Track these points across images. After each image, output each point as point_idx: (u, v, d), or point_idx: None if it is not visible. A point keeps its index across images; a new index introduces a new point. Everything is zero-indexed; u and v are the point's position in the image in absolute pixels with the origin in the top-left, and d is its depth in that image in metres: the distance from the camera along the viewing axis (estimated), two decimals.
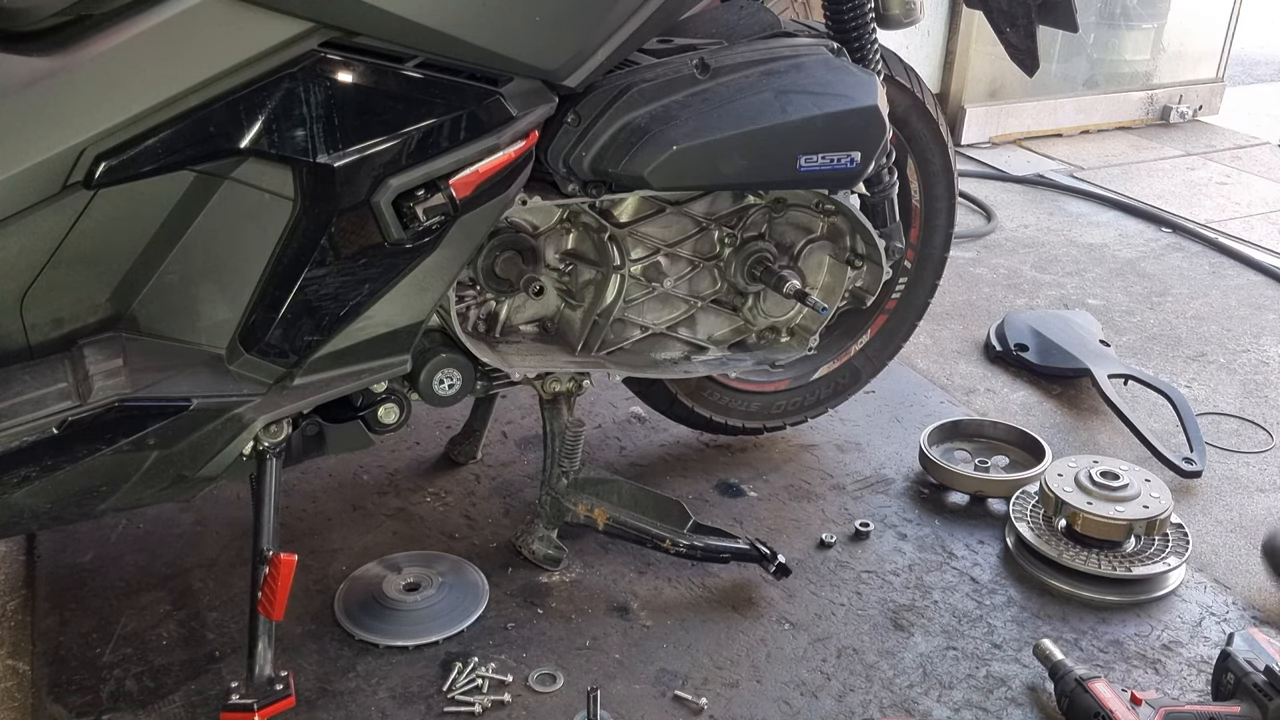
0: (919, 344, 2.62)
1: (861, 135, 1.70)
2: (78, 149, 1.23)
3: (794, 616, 1.76)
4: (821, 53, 1.73)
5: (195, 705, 1.55)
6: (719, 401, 2.10)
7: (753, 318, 1.90)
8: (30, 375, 1.32)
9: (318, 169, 1.35)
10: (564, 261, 1.74)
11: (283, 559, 1.46)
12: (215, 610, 1.72)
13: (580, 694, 1.55)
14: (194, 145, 1.29)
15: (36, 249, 1.28)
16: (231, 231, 1.37)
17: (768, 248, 1.84)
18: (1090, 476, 1.89)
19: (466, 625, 1.70)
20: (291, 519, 1.92)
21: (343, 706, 1.56)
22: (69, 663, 1.61)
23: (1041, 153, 4.10)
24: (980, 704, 1.60)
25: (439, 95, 1.40)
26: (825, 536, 1.94)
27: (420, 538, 1.91)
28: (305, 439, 1.59)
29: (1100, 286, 3.02)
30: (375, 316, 1.47)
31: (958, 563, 1.90)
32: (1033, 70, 1.95)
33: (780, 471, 2.14)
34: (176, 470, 1.42)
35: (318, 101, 1.32)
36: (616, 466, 2.13)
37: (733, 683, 1.63)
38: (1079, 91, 4.34)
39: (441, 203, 1.42)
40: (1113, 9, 4.31)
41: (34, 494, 1.32)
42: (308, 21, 1.29)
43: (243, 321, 1.43)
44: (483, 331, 1.72)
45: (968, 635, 1.74)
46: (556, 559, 1.83)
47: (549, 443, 1.79)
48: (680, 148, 1.56)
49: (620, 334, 1.79)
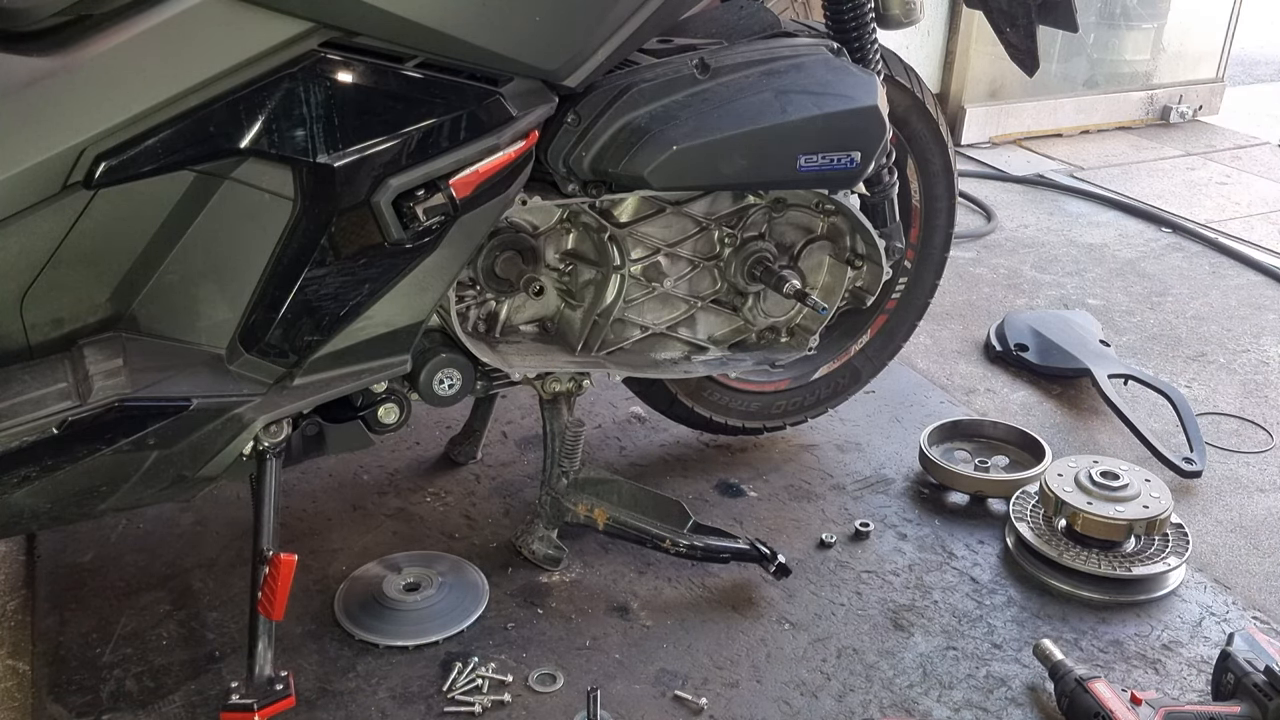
0: (919, 344, 2.62)
1: (861, 135, 1.70)
2: (78, 149, 1.23)
3: (794, 616, 1.76)
4: (821, 53, 1.73)
5: (195, 705, 1.55)
6: (719, 401, 2.10)
7: (753, 318, 1.90)
8: (30, 375, 1.32)
9: (318, 169, 1.35)
10: (564, 261, 1.74)
11: (283, 559, 1.46)
12: (215, 610, 1.72)
13: (580, 694, 1.55)
14: (194, 145, 1.29)
15: (36, 249, 1.28)
16: (231, 231, 1.37)
17: (768, 248, 1.84)
18: (1090, 476, 1.89)
19: (466, 625, 1.70)
20: (291, 519, 1.92)
21: (343, 706, 1.56)
22: (69, 663, 1.61)
23: (1041, 153, 4.10)
24: (980, 704, 1.60)
25: (439, 95, 1.40)
26: (825, 536, 1.94)
27: (420, 538, 1.91)
28: (305, 439, 1.59)
29: (1100, 286, 3.02)
30: (375, 316, 1.47)
31: (958, 563, 1.90)
32: (1033, 70, 1.95)
33: (780, 471, 2.14)
34: (176, 470, 1.42)
35: (318, 101, 1.32)
36: (616, 466, 2.13)
37: (733, 683, 1.63)
38: (1079, 91, 4.34)
39: (441, 203, 1.42)
40: (1113, 9, 4.31)
41: (34, 494, 1.32)
42: (308, 21, 1.29)
43: (243, 321, 1.43)
44: (483, 331, 1.72)
45: (968, 635, 1.74)
46: (556, 559, 1.83)
47: (549, 443, 1.79)
48: (680, 148, 1.56)
49: (620, 334, 1.79)
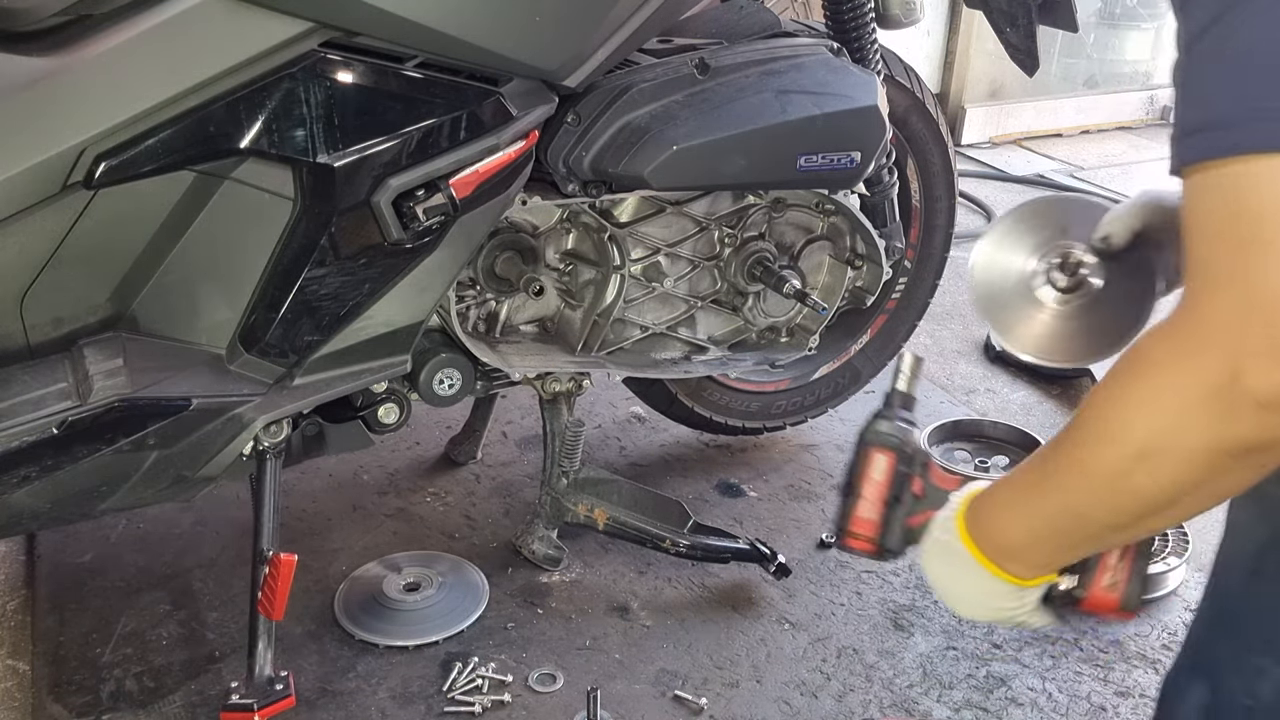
0: (919, 344, 2.62)
1: (861, 135, 1.70)
2: (78, 149, 1.23)
3: (794, 616, 1.76)
4: (821, 53, 1.73)
5: (195, 705, 1.54)
6: (719, 401, 2.10)
7: (753, 318, 1.90)
8: (30, 375, 1.32)
9: (318, 169, 1.35)
10: (564, 261, 1.74)
11: (283, 559, 1.46)
12: (215, 610, 1.72)
13: (580, 694, 1.55)
14: (194, 145, 1.29)
15: (36, 249, 1.28)
16: (231, 231, 1.37)
17: (768, 248, 1.84)
18: None
19: (466, 625, 1.70)
20: (291, 519, 1.92)
21: (343, 706, 1.56)
22: (69, 663, 1.61)
23: (1041, 153, 4.10)
24: (980, 704, 1.60)
25: (439, 95, 1.40)
26: (825, 536, 1.94)
27: (420, 538, 1.91)
28: (305, 439, 1.59)
29: None
30: (375, 316, 1.47)
31: None
32: (1033, 70, 1.94)
33: (780, 471, 2.14)
34: (176, 470, 1.41)
35: (318, 101, 1.32)
36: (616, 466, 2.13)
37: (733, 683, 1.63)
38: (1079, 91, 4.34)
39: (441, 203, 1.42)
40: (1113, 9, 4.31)
41: (34, 494, 1.32)
42: (308, 21, 1.29)
43: (243, 321, 1.43)
44: (483, 331, 1.72)
45: (968, 635, 1.73)
46: (556, 559, 1.83)
47: (549, 443, 1.79)
48: (680, 148, 1.56)
49: (620, 334, 1.79)
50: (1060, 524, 0.84)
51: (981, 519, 0.91)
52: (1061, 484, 0.82)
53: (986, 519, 0.90)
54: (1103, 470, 0.77)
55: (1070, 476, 0.81)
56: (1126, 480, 0.75)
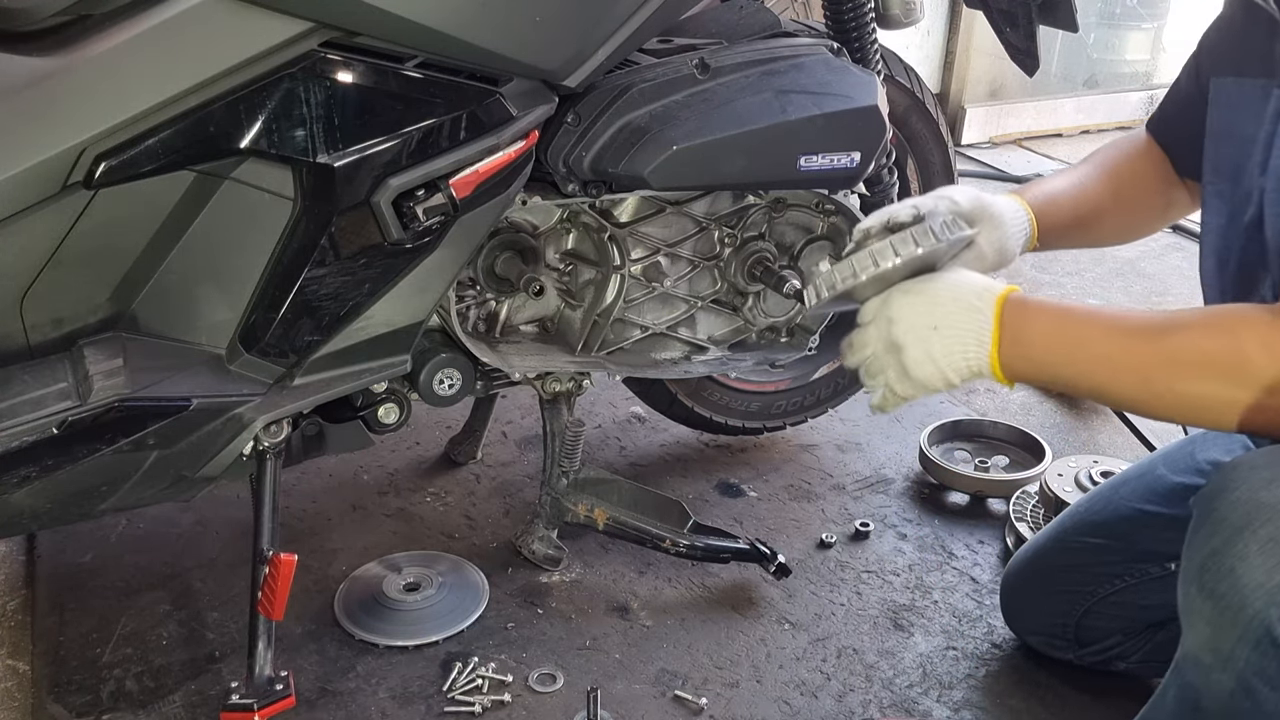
0: None
1: (861, 135, 1.70)
2: (78, 149, 1.23)
3: (794, 616, 1.76)
4: (821, 53, 1.73)
5: (195, 705, 1.55)
6: (719, 401, 2.10)
7: (753, 318, 1.90)
8: (30, 375, 1.32)
9: (318, 169, 1.35)
10: (564, 261, 1.74)
11: (283, 559, 1.46)
12: (215, 610, 1.72)
13: (580, 694, 1.55)
14: (194, 145, 1.29)
15: (36, 249, 1.28)
16: (231, 231, 1.37)
17: (768, 248, 1.84)
18: (1090, 476, 1.89)
19: (466, 625, 1.70)
20: (291, 519, 1.92)
21: (343, 706, 1.56)
22: (69, 663, 1.61)
23: (1041, 153, 4.10)
24: (980, 704, 1.60)
25: (439, 95, 1.40)
26: (825, 536, 1.94)
27: (420, 538, 1.91)
28: (305, 439, 1.59)
29: (1100, 286, 3.02)
30: (375, 316, 1.47)
31: (958, 563, 1.90)
32: (1033, 70, 1.95)
33: (780, 471, 2.14)
34: (176, 470, 1.42)
35: (318, 101, 1.32)
36: (616, 466, 2.13)
37: (733, 683, 1.63)
38: (1079, 91, 4.34)
39: (441, 203, 1.42)
40: (1113, 9, 4.31)
41: (34, 494, 1.32)
42: (308, 21, 1.29)
43: (243, 321, 1.43)
44: (483, 331, 1.72)
45: (968, 635, 1.73)
46: (556, 559, 1.83)
47: (549, 443, 1.79)
48: (680, 148, 1.56)
49: (620, 334, 1.79)
50: (1096, 378, 1.00)
51: (1029, 315, 1.03)
52: (1140, 364, 1.00)
53: (1033, 319, 1.03)
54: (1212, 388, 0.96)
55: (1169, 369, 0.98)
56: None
